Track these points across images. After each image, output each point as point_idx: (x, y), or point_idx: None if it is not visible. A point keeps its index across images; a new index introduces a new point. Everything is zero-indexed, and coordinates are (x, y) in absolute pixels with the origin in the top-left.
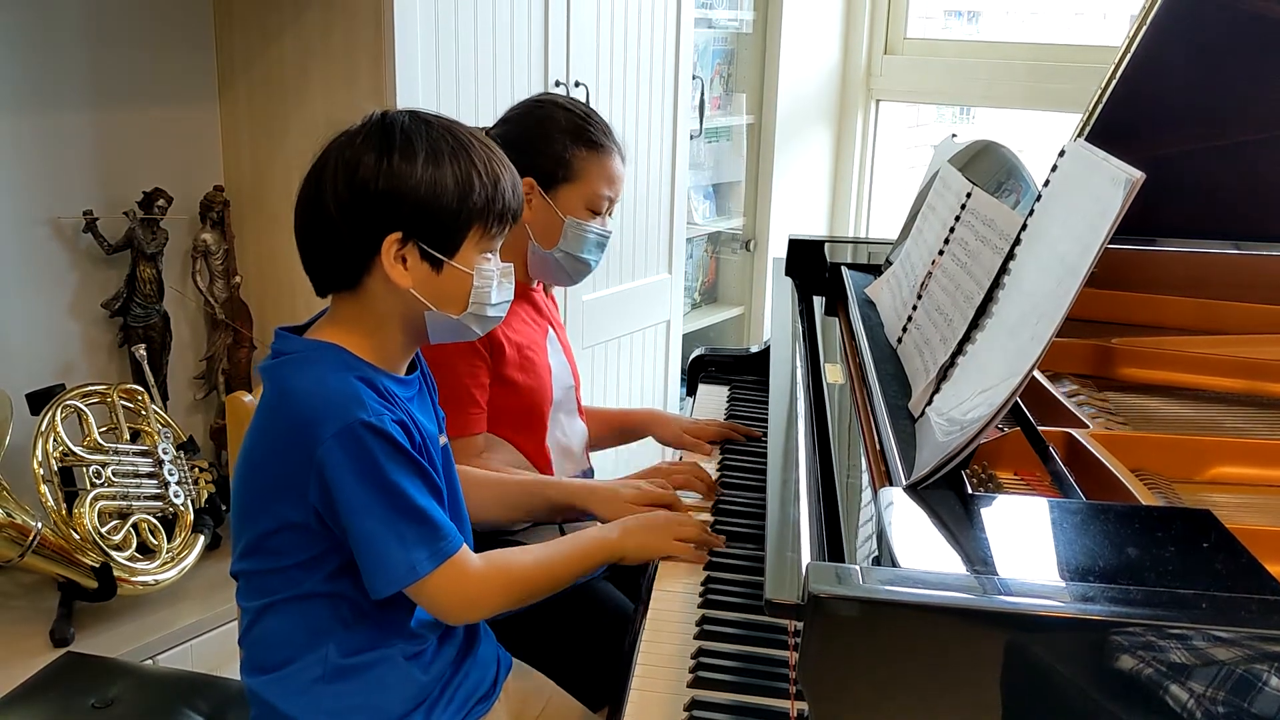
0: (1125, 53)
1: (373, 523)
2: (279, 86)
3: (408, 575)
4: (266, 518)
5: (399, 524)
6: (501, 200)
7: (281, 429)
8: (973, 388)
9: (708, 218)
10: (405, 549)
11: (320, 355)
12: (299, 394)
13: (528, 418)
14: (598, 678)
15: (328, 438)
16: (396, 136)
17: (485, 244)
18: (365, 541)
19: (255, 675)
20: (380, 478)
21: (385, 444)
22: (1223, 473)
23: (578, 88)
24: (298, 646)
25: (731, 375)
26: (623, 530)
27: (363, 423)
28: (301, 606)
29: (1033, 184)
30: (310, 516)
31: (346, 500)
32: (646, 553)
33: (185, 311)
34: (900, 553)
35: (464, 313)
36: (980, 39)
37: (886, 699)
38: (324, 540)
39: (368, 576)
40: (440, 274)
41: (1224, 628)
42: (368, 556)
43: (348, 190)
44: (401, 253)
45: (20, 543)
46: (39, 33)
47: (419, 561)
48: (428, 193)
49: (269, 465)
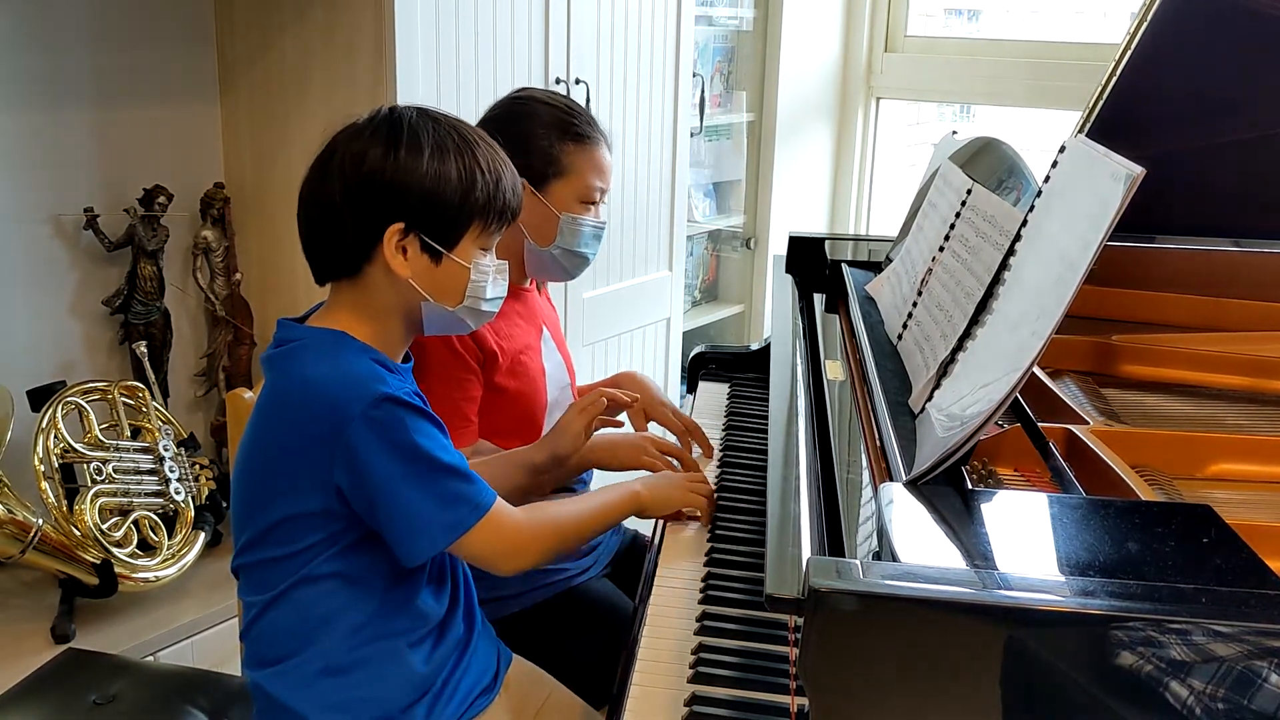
0: (1125, 50)
1: (409, 490)
2: (280, 84)
3: (452, 532)
4: (280, 505)
5: (437, 484)
6: (502, 198)
7: (302, 416)
8: (973, 384)
9: (708, 215)
10: (446, 508)
11: (334, 340)
12: (319, 379)
13: (522, 423)
14: (598, 674)
15: (355, 417)
16: (404, 131)
17: (484, 240)
18: (402, 510)
19: (259, 669)
20: (412, 446)
21: (410, 412)
22: (1223, 469)
23: (578, 85)
24: (301, 639)
25: (732, 372)
26: (644, 484)
27: (386, 396)
28: (306, 594)
29: (1033, 181)
30: (331, 499)
31: (380, 474)
32: (666, 504)
33: (186, 309)
34: (901, 548)
35: (459, 305)
36: (981, 37)
37: (887, 693)
38: (337, 522)
39: (405, 544)
40: (439, 266)
41: (1224, 623)
42: (405, 524)
43: (355, 180)
44: (403, 243)
45: (21, 539)
46: (40, 30)
47: (463, 516)
48: (431, 186)
49: (286, 453)
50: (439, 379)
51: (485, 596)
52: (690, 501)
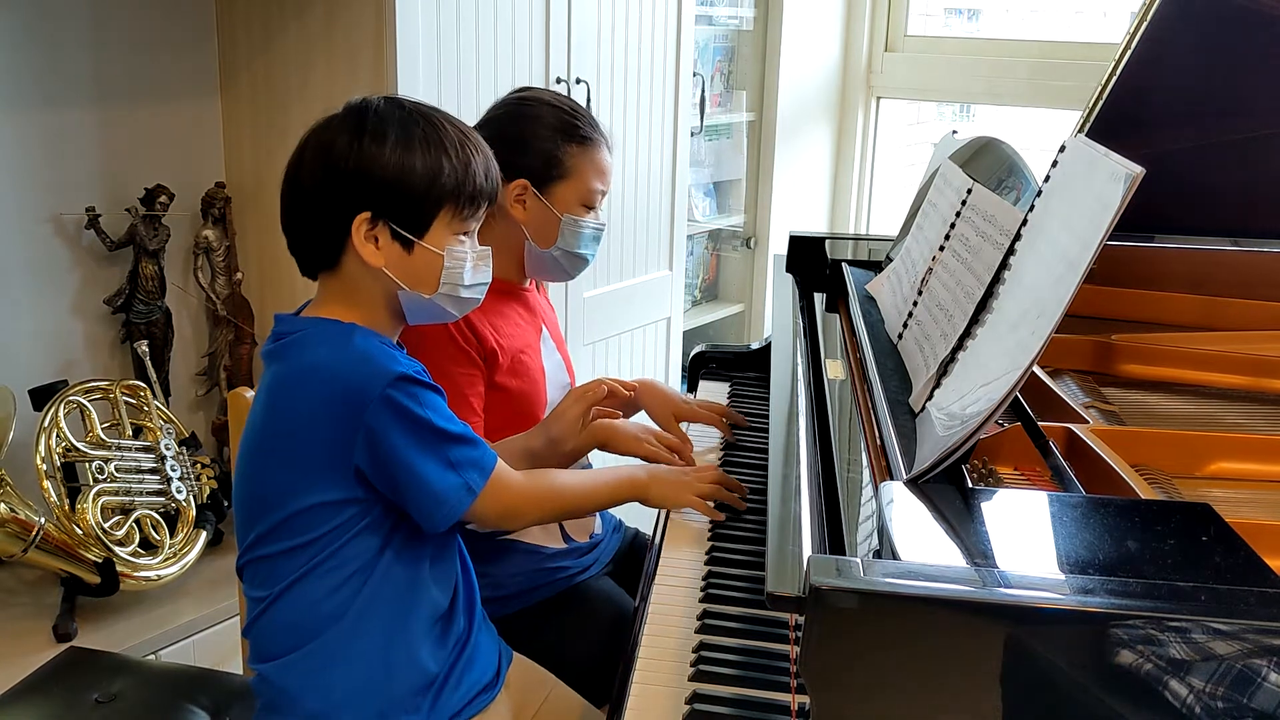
0: (1125, 49)
1: (423, 460)
2: (281, 83)
3: (467, 495)
4: (294, 498)
5: (447, 452)
6: (472, 183)
7: (316, 404)
8: (973, 383)
9: (708, 215)
10: (459, 472)
11: (338, 327)
12: (329, 366)
13: (522, 422)
14: (599, 672)
15: (374, 400)
16: (369, 119)
17: (457, 225)
18: (419, 479)
19: (264, 662)
20: (427, 423)
21: (421, 388)
22: (1222, 468)
23: (579, 85)
24: (305, 633)
25: (732, 372)
26: (651, 475)
27: (400, 375)
28: (311, 588)
29: (1033, 180)
30: (350, 483)
31: (399, 453)
32: (667, 501)
33: (187, 308)
34: (901, 546)
35: (436, 293)
36: (981, 36)
37: (887, 691)
38: (349, 509)
39: (427, 513)
40: (411, 254)
41: (1223, 620)
42: (424, 493)
43: (321, 170)
44: (373, 232)
45: (23, 538)
46: (41, 30)
47: (472, 480)
48: (395, 173)
49: (300, 442)
50: (443, 373)
51: (487, 595)
52: (692, 504)
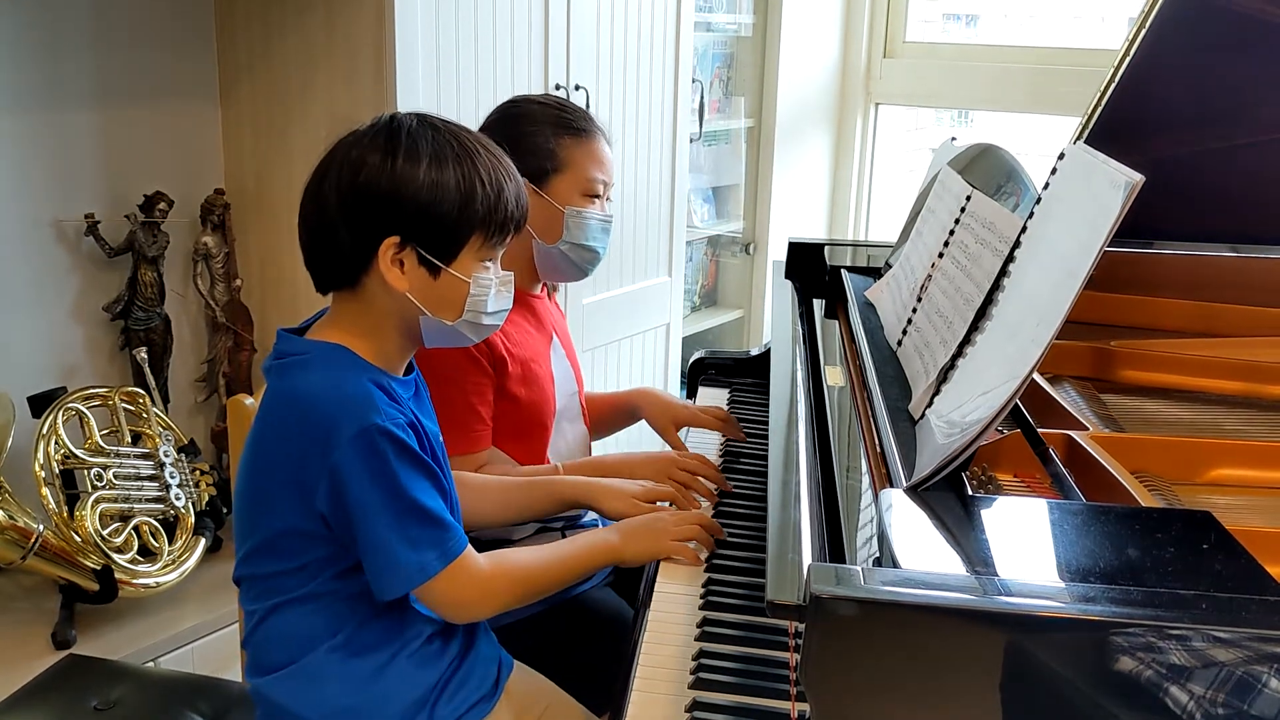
0: (1124, 56)
1: (383, 527)
2: (281, 90)
3: (418, 575)
4: (273, 519)
5: (410, 527)
6: (504, 210)
7: (294, 432)
8: (973, 390)
9: (707, 221)
10: (415, 550)
11: (332, 357)
12: (313, 397)
13: (530, 430)
14: (599, 681)
15: (344, 442)
16: (403, 139)
17: (485, 252)
18: (375, 545)
19: (261, 675)
20: (392, 482)
21: (397, 448)
22: (1222, 475)
23: (578, 90)
24: (303, 646)
25: (731, 378)
26: (622, 534)
27: (378, 428)
28: (308, 606)
29: (1032, 187)
30: (316, 522)
31: (359, 504)
32: (645, 556)
33: (186, 314)
34: (901, 554)
35: (459, 320)
36: (979, 42)
37: (887, 699)
38: (331, 543)
39: (376, 579)
40: (437, 280)
41: (1224, 628)
42: (377, 559)
43: (350, 190)
44: (399, 256)
45: (22, 545)
46: (40, 35)
47: (429, 562)
48: (429, 197)
49: (278, 466)
50: (452, 381)
51: None
52: (672, 551)
